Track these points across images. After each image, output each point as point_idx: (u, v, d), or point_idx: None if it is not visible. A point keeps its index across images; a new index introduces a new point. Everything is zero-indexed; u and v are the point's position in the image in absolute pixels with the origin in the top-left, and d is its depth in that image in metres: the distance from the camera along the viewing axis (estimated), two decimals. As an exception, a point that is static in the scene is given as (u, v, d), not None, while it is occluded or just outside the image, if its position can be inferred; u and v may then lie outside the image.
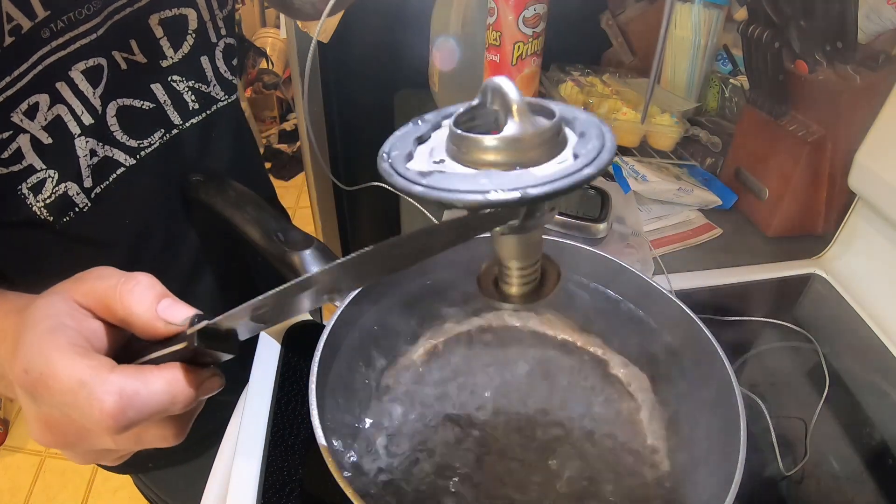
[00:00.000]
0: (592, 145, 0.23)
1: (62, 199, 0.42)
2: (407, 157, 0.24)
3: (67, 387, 0.25)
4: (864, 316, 0.61)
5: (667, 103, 0.81)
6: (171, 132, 0.48)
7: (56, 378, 0.25)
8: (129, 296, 0.28)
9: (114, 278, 0.29)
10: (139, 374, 0.26)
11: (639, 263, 0.61)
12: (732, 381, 0.38)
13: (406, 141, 0.25)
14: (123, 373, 0.26)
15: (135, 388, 0.26)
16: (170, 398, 0.27)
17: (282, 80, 2.22)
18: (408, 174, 0.23)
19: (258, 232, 0.46)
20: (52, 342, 0.26)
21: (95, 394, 0.25)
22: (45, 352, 0.26)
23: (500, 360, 0.49)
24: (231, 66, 0.52)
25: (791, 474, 0.48)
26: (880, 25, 0.59)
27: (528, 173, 0.22)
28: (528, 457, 0.42)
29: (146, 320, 0.28)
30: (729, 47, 0.80)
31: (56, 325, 0.27)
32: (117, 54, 0.43)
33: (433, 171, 0.23)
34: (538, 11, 0.75)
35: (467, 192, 0.21)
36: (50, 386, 0.25)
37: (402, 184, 0.22)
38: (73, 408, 0.26)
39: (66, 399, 0.25)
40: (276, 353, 0.52)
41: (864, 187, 0.59)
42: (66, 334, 0.26)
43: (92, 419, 0.25)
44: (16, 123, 0.37)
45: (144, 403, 0.26)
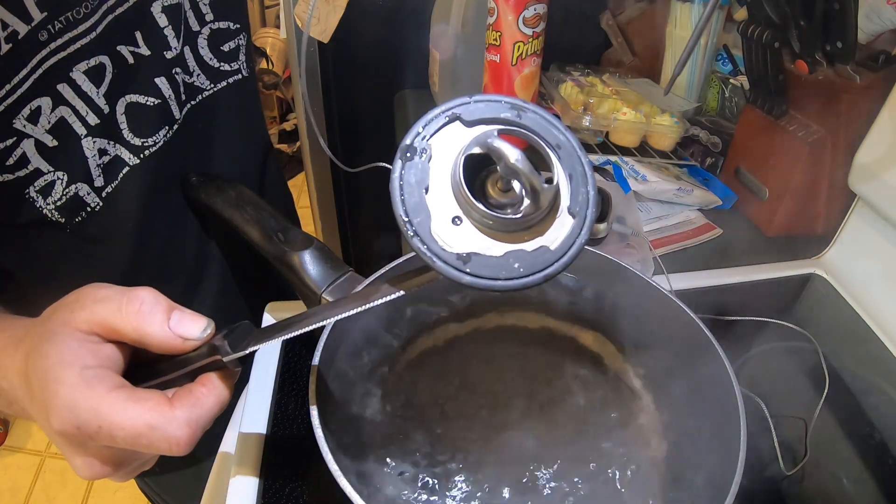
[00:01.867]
0: (582, 195, 0.25)
1: (73, 201, 0.42)
2: (426, 217, 0.25)
3: (136, 433, 0.27)
4: (864, 316, 0.61)
5: (667, 103, 0.81)
6: (173, 128, 0.48)
7: (121, 428, 0.27)
8: (137, 318, 0.28)
9: (114, 301, 0.28)
10: (193, 398, 0.28)
11: (639, 263, 0.61)
12: (732, 381, 0.38)
13: (415, 195, 0.25)
14: (182, 404, 0.28)
15: (198, 415, 0.28)
16: (220, 407, 0.29)
17: (282, 80, 2.22)
18: (448, 259, 0.24)
19: (258, 232, 0.45)
20: (96, 396, 0.27)
21: (169, 433, 0.27)
22: (93, 407, 0.26)
23: (500, 360, 0.49)
24: (220, 51, 0.50)
25: (791, 474, 0.48)
26: (880, 25, 0.59)
27: (546, 248, 0.25)
28: (529, 456, 0.42)
29: (162, 339, 0.28)
30: (729, 47, 0.80)
31: (83, 374, 0.27)
32: (123, 49, 0.42)
33: (470, 255, 0.24)
34: (538, 11, 0.75)
35: (506, 279, 0.24)
36: (115, 436, 0.27)
37: (448, 271, 0.24)
38: (146, 447, 0.27)
39: (138, 442, 0.27)
40: (276, 353, 0.52)
41: (864, 187, 0.59)
42: (100, 382, 0.27)
43: (169, 452, 0.28)
44: (18, 130, 0.37)
45: (207, 422, 0.29)
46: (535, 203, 0.24)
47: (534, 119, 0.26)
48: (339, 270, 0.44)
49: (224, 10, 0.49)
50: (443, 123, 0.25)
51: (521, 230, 0.25)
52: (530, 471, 0.42)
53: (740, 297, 0.63)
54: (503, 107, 0.25)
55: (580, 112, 0.78)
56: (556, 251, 0.25)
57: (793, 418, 0.53)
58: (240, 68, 0.52)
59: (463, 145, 0.25)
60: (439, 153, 0.25)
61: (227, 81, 0.52)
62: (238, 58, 0.52)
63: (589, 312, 0.49)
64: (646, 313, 0.46)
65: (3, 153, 0.37)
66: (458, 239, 0.24)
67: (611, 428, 0.44)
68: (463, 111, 0.25)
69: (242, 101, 0.55)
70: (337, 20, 0.77)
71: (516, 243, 0.25)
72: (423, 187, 0.25)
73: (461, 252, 0.24)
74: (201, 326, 0.29)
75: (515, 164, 0.23)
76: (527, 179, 0.24)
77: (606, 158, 0.75)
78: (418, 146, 0.25)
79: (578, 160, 0.26)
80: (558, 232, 0.25)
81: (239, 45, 0.51)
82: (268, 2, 2.24)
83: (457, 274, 0.24)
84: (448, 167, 0.25)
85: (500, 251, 0.24)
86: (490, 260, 0.24)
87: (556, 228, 0.25)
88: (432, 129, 0.25)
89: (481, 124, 0.25)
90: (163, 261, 0.52)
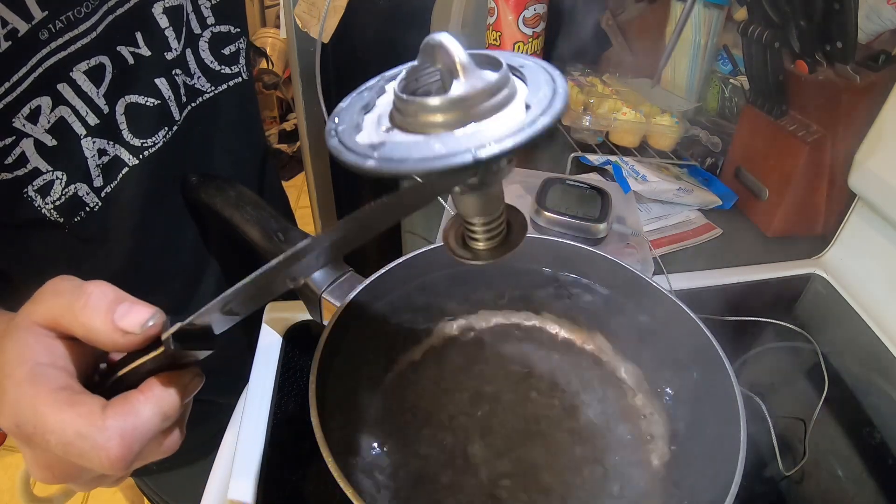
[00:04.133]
0: (544, 93, 0.22)
1: (72, 200, 0.42)
2: (355, 130, 0.23)
3: (66, 440, 0.25)
4: (864, 316, 0.61)
5: (667, 103, 0.81)
6: (172, 129, 0.48)
7: (52, 433, 0.25)
8: (83, 312, 0.27)
9: (66, 295, 0.27)
10: (128, 406, 0.26)
11: (639, 263, 0.61)
12: (732, 381, 0.38)
13: (351, 112, 0.24)
14: (115, 413, 0.26)
15: (132, 425, 0.26)
16: (162, 417, 0.27)
17: (282, 80, 2.22)
18: (358, 148, 0.22)
19: (258, 232, 0.45)
20: (36, 395, 0.25)
21: (98, 443, 0.25)
22: (33, 405, 0.25)
23: (500, 360, 0.49)
24: (221, 54, 0.50)
25: (791, 474, 0.48)
26: (880, 25, 0.59)
27: (480, 132, 0.21)
28: (529, 457, 0.42)
29: (106, 335, 0.27)
30: (729, 47, 0.80)
31: (33, 370, 0.26)
32: (123, 49, 0.42)
33: (384, 142, 0.22)
34: (538, 11, 0.75)
35: (421, 160, 0.20)
36: (48, 440, 0.25)
37: (353, 159, 0.21)
38: (76, 457, 0.26)
39: (68, 450, 0.25)
40: (277, 354, 0.52)
41: (864, 187, 0.59)
42: (47, 380, 0.26)
43: (99, 465, 0.26)
44: (18, 129, 0.37)
45: (143, 434, 0.26)
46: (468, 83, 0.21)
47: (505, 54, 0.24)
48: (339, 270, 0.44)
49: (225, 14, 0.49)
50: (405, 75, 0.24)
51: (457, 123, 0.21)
52: (530, 472, 0.42)
53: (740, 297, 0.63)
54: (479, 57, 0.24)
55: (580, 112, 0.78)
56: (495, 136, 0.21)
57: (792, 418, 0.53)
58: (240, 71, 0.52)
59: None
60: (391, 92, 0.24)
61: (228, 84, 0.52)
62: (238, 61, 0.52)
63: (588, 313, 0.49)
64: (645, 314, 0.46)
65: (2, 152, 0.37)
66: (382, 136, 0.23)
67: (610, 428, 0.44)
68: None
69: (242, 104, 0.55)
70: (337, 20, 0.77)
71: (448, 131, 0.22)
72: (362, 106, 0.24)
73: (375, 141, 0.22)
74: (143, 318, 0.27)
75: (449, 47, 0.21)
76: (457, 59, 0.21)
77: (606, 158, 0.75)
78: (375, 85, 0.24)
79: (544, 70, 0.24)
80: (505, 123, 0.22)
81: (239, 48, 0.52)
82: (268, 2, 2.24)
83: (357, 159, 0.21)
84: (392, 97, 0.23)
85: (424, 139, 0.22)
86: (405, 146, 0.21)
87: (502, 121, 0.22)
88: (394, 74, 0.25)
89: None
90: (161, 261, 0.52)
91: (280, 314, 0.56)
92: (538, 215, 0.63)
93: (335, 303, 0.41)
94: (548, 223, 0.63)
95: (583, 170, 0.77)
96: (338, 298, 0.42)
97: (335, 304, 0.41)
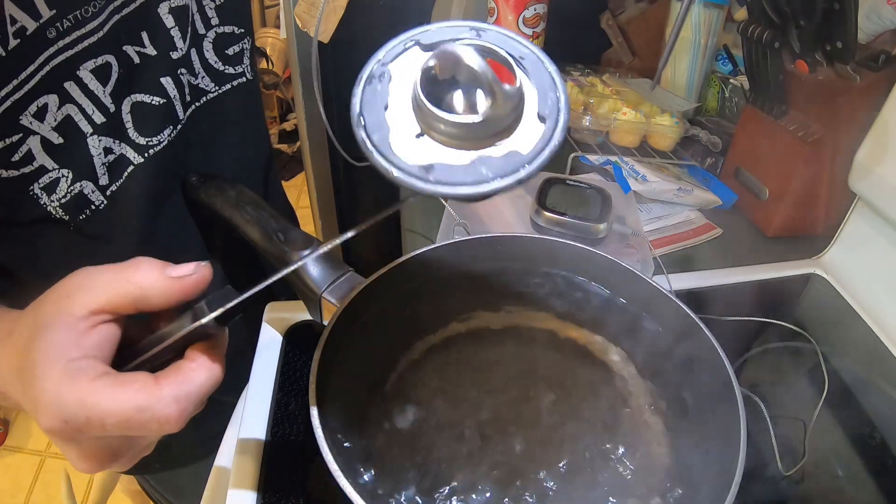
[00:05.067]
0: (552, 99, 0.24)
1: (78, 198, 0.42)
2: (386, 135, 0.24)
3: (125, 418, 0.27)
4: (864, 316, 0.61)
5: (667, 103, 0.81)
6: (177, 128, 0.48)
7: (110, 415, 0.26)
8: (136, 275, 0.29)
9: (110, 271, 0.29)
10: (181, 374, 0.28)
11: (639, 263, 0.61)
12: (732, 381, 0.38)
13: (374, 114, 0.24)
14: (169, 381, 0.28)
15: (187, 391, 0.28)
16: (213, 381, 0.29)
17: (282, 80, 2.22)
18: (411, 169, 0.23)
19: (258, 232, 0.45)
20: (80, 389, 0.26)
21: (157, 412, 0.27)
22: (80, 399, 0.26)
23: (501, 359, 0.49)
24: (225, 55, 0.50)
25: (790, 474, 0.48)
26: (880, 25, 0.59)
27: (514, 152, 0.23)
28: (530, 455, 0.42)
29: (162, 286, 0.29)
30: (729, 47, 0.80)
31: (67, 368, 0.27)
32: (129, 49, 0.42)
33: (433, 165, 0.23)
34: (538, 11, 0.75)
35: (475, 183, 0.23)
36: (105, 424, 0.27)
37: (411, 182, 0.23)
38: (136, 430, 0.27)
39: (128, 426, 0.27)
40: (277, 354, 0.52)
41: (864, 187, 0.59)
42: (84, 373, 0.27)
43: (160, 431, 0.28)
44: (25, 126, 0.37)
45: (197, 397, 0.28)
46: (497, 103, 0.23)
47: (495, 36, 0.25)
48: (339, 270, 0.44)
49: (229, 15, 0.49)
50: (402, 50, 0.25)
51: (487, 137, 0.24)
52: (530, 473, 0.42)
53: (740, 297, 0.63)
54: (462, 29, 0.25)
55: (580, 112, 0.78)
56: (528, 155, 0.24)
57: (792, 419, 0.53)
58: (244, 72, 0.53)
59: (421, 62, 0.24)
60: (399, 76, 0.25)
61: (232, 84, 0.52)
62: (242, 61, 0.52)
63: (588, 313, 0.49)
64: (645, 314, 0.46)
65: (9, 149, 0.37)
66: (421, 152, 0.24)
67: (610, 428, 0.44)
68: (422, 36, 0.25)
69: (246, 105, 0.55)
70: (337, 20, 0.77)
71: (484, 149, 0.24)
72: (382, 105, 0.24)
73: (424, 164, 0.23)
74: (193, 265, 0.30)
75: (471, 64, 0.23)
76: (485, 79, 0.23)
77: (606, 158, 0.75)
78: (377, 72, 0.25)
79: (544, 67, 0.25)
80: (529, 136, 0.24)
81: (243, 49, 0.52)
82: (268, 2, 2.24)
83: (419, 184, 0.23)
84: (408, 88, 0.24)
85: (468, 159, 0.24)
86: (455, 168, 0.23)
87: (526, 133, 0.24)
88: (391, 55, 0.25)
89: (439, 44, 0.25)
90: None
91: (280, 314, 0.56)
92: (538, 215, 0.63)
93: (335, 303, 0.41)
94: (548, 223, 0.63)
95: (583, 170, 0.77)
96: (338, 298, 0.42)
97: (335, 304, 0.41)
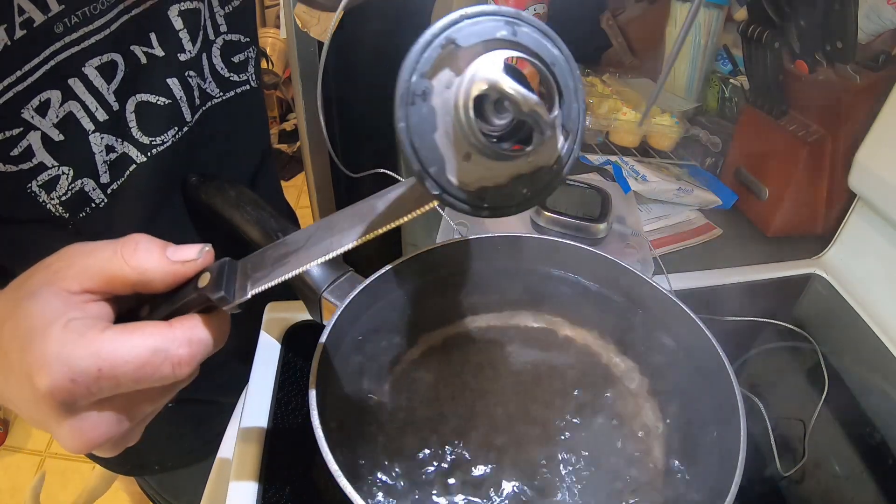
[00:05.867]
0: (574, 110, 0.25)
1: (78, 196, 0.42)
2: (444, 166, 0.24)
3: (141, 362, 0.26)
4: (864, 316, 0.61)
5: (667, 103, 0.81)
6: (183, 130, 0.48)
7: (125, 362, 0.25)
8: (135, 256, 0.28)
9: (107, 249, 0.28)
10: (192, 321, 0.28)
11: (639, 263, 0.61)
12: (732, 381, 0.38)
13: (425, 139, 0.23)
14: (181, 323, 0.27)
15: (199, 337, 0.27)
16: (218, 337, 0.28)
17: (282, 79, 2.22)
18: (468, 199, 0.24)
19: (258, 232, 0.45)
20: (90, 340, 0.25)
21: (171, 353, 0.26)
22: (93, 350, 0.25)
23: (500, 359, 0.49)
24: (230, 62, 0.51)
25: (790, 474, 0.48)
26: (880, 25, 0.59)
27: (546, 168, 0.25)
28: (530, 455, 0.42)
29: (163, 271, 0.28)
30: (729, 47, 0.80)
31: (69, 324, 0.26)
32: (136, 48, 0.42)
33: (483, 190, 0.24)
34: (538, 11, 0.75)
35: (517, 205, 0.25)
36: (119, 373, 0.25)
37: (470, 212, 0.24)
38: (150, 374, 0.26)
39: (143, 373, 0.26)
40: (276, 354, 0.52)
41: (864, 187, 0.59)
42: (91, 327, 0.26)
43: (172, 376, 0.27)
44: (26, 120, 0.37)
45: (206, 346, 0.28)
46: (543, 136, 0.23)
47: (529, 36, 0.24)
48: (339, 270, 0.44)
49: (236, 23, 0.50)
50: (438, 54, 0.23)
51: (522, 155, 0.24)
52: (531, 470, 0.42)
53: (740, 297, 0.63)
54: (498, 24, 0.24)
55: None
56: (555, 169, 0.25)
57: (792, 419, 0.53)
58: (248, 79, 0.53)
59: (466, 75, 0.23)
60: (439, 87, 0.23)
61: (236, 91, 0.52)
62: (247, 69, 0.52)
63: (588, 312, 0.49)
64: (645, 314, 0.46)
65: (8, 142, 0.37)
66: (469, 175, 0.24)
67: (609, 428, 0.44)
68: (458, 35, 0.23)
69: (250, 111, 0.56)
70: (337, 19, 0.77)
71: (517, 167, 0.24)
72: (431, 129, 0.23)
73: (475, 189, 0.24)
74: (197, 249, 0.29)
75: (533, 110, 0.23)
76: (540, 120, 0.23)
77: (606, 158, 0.75)
78: (418, 87, 0.23)
79: (571, 74, 0.25)
80: (553, 150, 0.25)
81: (248, 57, 0.52)
82: (268, 2, 2.24)
83: (477, 211, 0.24)
84: (450, 100, 0.23)
85: (505, 178, 0.24)
86: (501, 190, 0.24)
87: (551, 147, 0.25)
88: (429, 62, 0.23)
89: (475, 44, 0.23)
90: None
91: (280, 314, 0.56)
92: (538, 215, 0.63)
93: (335, 303, 0.41)
94: (548, 223, 0.63)
95: (583, 170, 0.77)
96: (338, 298, 0.42)
97: (335, 304, 0.41)
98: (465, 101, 0.23)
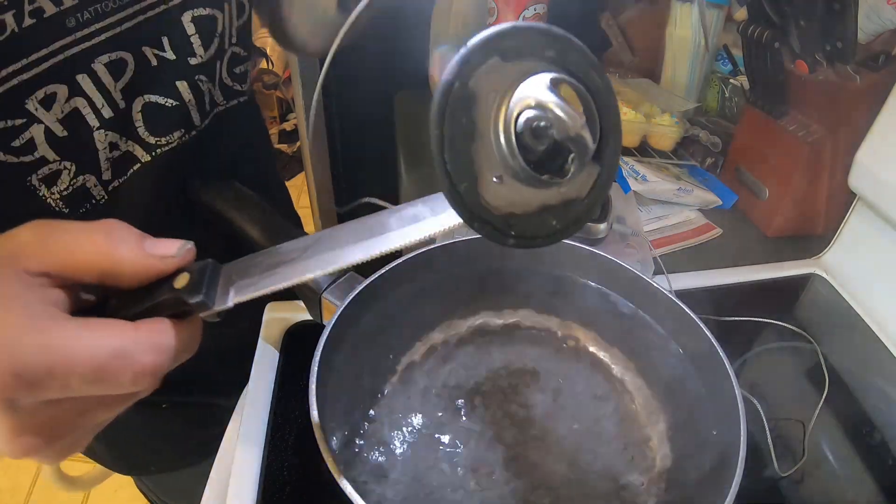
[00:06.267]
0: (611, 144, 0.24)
1: (79, 191, 0.42)
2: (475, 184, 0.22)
3: (99, 365, 0.23)
4: (864, 316, 0.61)
5: (667, 103, 0.81)
6: (191, 133, 0.48)
7: (80, 362, 0.22)
8: (107, 243, 0.25)
9: (76, 231, 0.25)
10: (159, 325, 0.25)
11: (639, 263, 0.61)
12: (732, 381, 0.38)
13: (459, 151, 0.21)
14: (147, 327, 0.24)
15: (167, 342, 0.25)
16: (187, 346, 0.26)
17: (282, 80, 2.22)
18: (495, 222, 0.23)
19: (258, 232, 0.46)
20: (45, 332, 0.22)
21: (136, 359, 0.23)
22: (45, 344, 0.22)
23: (501, 360, 0.49)
24: (233, 73, 0.51)
25: (790, 475, 0.48)
26: (880, 25, 0.59)
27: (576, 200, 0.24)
28: (530, 456, 0.42)
29: (138, 263, 0.25)
30: (729, 47, 0.80)
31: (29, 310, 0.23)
32: (147, 49, 0.42)
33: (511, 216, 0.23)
34: (538, 11, 0.75)
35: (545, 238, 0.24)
36: (72, 374, 0.22)
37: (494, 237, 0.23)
38: (106, 385, 0.23)
39: (99, 377, 0.23)
40: (277, 354, 0.52)
41: (864, 187, 0.59)
42: (50, 317, 0.23)
43: (133, 386, 0.24)
44: (30, 111, 0.37)
45: (173, 354, 0.25)
46: (582, 164, 0.22)
47: (577, 60, 0.23)
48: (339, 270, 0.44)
49: (242, 37, 0.51)
50: (485, 64, 0.21)
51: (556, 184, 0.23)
52: (531, 471, 0.42)
53: (740, 297, 0.63)
54: (546, 41, 0.22)
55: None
56: (586, 203, 0.24)
57: (792, 419, 0.53)
58: (246, 91, 0.54)
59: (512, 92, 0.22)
60: (483, 99, 0.22)
61: (238, 101, 0.53)
62: (246, 81, 0.53)
63: (588, 312, 0.49)
64: (645, 314, 0.46)
65: (11, 132, 0.37)
66: (499, 198, 0.22)
67: (609, 428, 0.44)
68: (506, 47, 0.22)
69: (252, 119, 0.57)
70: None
71: (548, 196, 0.23)
72: (468, 139, 0.21)
73: (503, 214, 0.23)
74: (178, 244, 0.26)
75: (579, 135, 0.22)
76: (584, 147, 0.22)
77: (606, 158, 0.75)
78: (459, 92, 0.21)
79: (612, 106, 0.24)
80: (587, 182, 0.23)
81: (247, 69, 0.53)
82: (268, 2, 2.23)
83: (503, 239, 0.23)
84: (492, 115, 0.22)
85: (534, 206, 0.23)
86: (529, 219, 0.23)
87: (586, 178, 0.23)
88: (472, 67, 0.21)
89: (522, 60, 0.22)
90: None
91: (280, 314, 0.56)
92: (538, 215, 0.63)
93: (335, 303, 0.42)
94: (548, 223, 0.62)
95: (583, 170, 0.77)
96: (338, 298, 0.42)
97: (335, 304, 0.41)
98: (508, 118, 0.21)
